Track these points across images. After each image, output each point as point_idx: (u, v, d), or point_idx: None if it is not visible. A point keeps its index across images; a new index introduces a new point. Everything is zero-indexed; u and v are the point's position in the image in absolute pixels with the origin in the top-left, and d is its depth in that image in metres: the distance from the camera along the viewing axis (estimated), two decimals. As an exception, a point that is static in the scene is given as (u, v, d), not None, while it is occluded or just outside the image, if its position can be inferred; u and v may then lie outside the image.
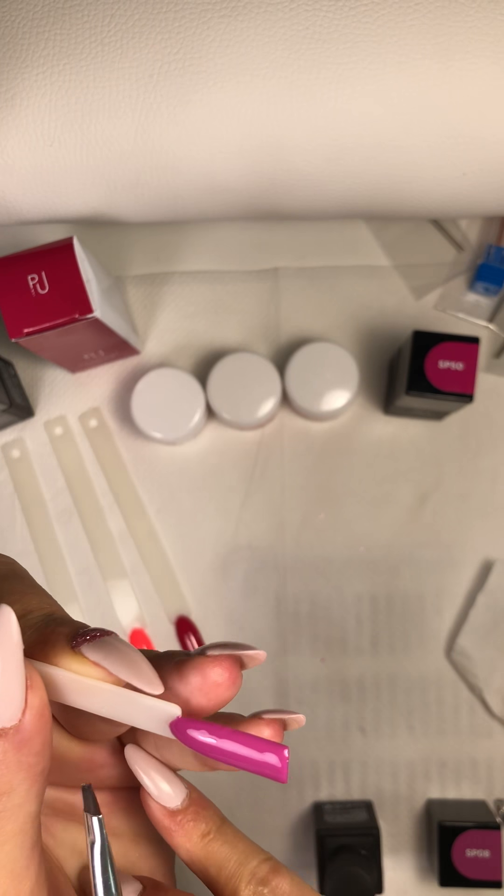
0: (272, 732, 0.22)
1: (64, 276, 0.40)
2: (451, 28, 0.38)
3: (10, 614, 0.18)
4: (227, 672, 0.21)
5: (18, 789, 0.18)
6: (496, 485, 0.52)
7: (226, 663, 0.21)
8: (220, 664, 0.20)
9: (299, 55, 0.39)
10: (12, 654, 0.18)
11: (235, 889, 0.22)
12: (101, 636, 0.20)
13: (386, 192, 0.44)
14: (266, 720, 0.22)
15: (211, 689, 0.21)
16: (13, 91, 0.40)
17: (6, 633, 0.18)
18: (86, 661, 0.19)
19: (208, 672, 0.20)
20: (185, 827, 0.23)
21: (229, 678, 0.21)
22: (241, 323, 0.53)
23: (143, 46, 0.39)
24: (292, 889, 0.22)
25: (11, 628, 0.18)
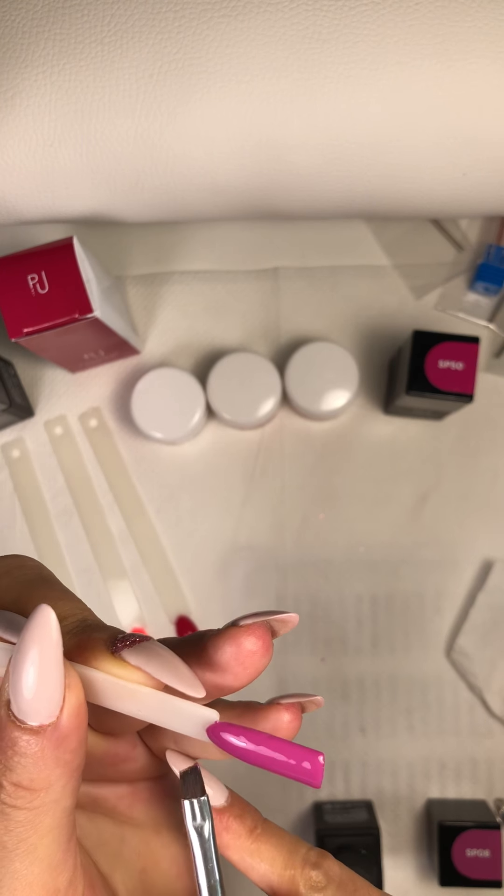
0: (291, 717, 0.23)
1: (64, 275, 0.40)
2: (451, 28, 0.38)
3: (50, 614, 0.18)
4: (259, 640, 0.21)
5: (56, 785, 0.19)
6: (496, 485, 0.52)
7: (258, 631, 0.21)
8: (253, 633, 0.21)
9: (299, 55, 0.39)
10: (52, 652, 0.18)
11: (292, 878, 0.23)
12: (142, 641, 0.20)
13: (386, 192, 0.44)
14: (285, 705, 0.23)
15: (246, 658, 0.21)
16: (13, 91, 0.40)
17: (46, 632, 0.18)
18: (127, 665, 0.20)
19: (242, 641, 0.21)
20: (231, 826, 0.23)
21: (263, 646, 0.21)
22: (241, 323, 0.53)
23: (143, 46, 0.39)
24: (342, 871, 0.23)
25: (51, 627, 0.18)
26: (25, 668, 0.18)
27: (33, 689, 0.18)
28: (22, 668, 0.18)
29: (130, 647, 0.20)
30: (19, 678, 0.18)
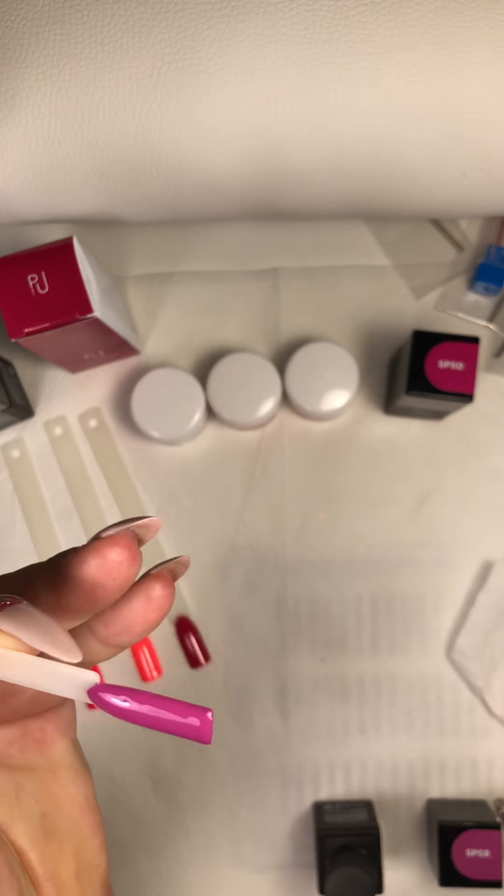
0: (162, 587, 0.22)
1: (64, 275, 0.40)
2: (451, 28, 0.38)
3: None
4: (125, 549, 0.20)
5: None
6: (496, 485, 0.52)
7: (123, 541, 0.20)
8: (117, 542, 0.20)
9: (299, 55, 0.39)
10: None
11: None
12: (13, 604, 0.19)
13: (386, 192, 0.44)
14: (154, 575, 0.22)
15: (113, 569, 0.20)
16: (13, 91, 0.40)
17: None
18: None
19: (106, 552, 0.20)
20: None
21: (129, 555, 0.20)
22: (241, 323, 0.53)
23: (143, 46, 0.39)
24: None
25: None
26: None
27: None
28: None
29: (2, 610, 0.19)
30: None
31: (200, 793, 0.51)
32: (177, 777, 0.51)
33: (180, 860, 0.51)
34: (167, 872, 0.51)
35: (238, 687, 0.51)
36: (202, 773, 0.51)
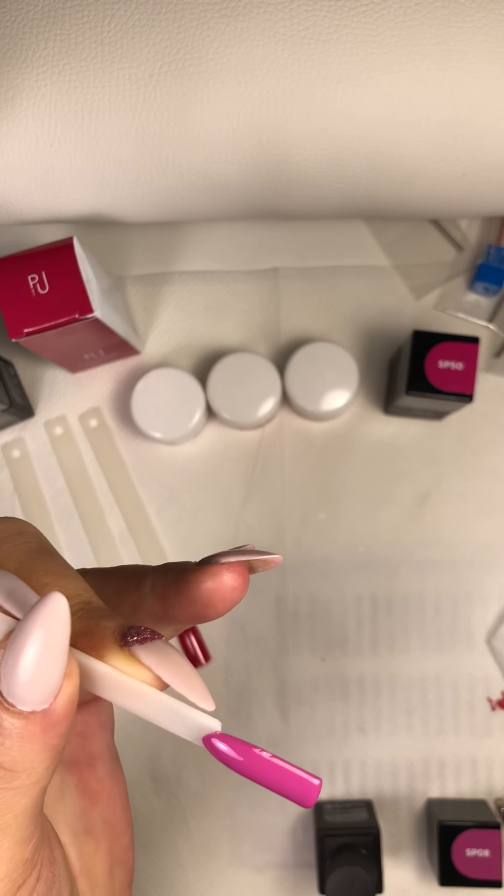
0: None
1: (64, 276, 0.40)
2: (451, 28, 0.38)
3: (63, 603, 0.17)
4: (240, 577, 0.22)
5: (38, 768, 0.18)
6: (496, 485, 0.52)
7: (239, 569, 0.22)
8: (233, 570, 0.22)
9: (299, 55, 0.39)
10: (60, 641, 0.17)
11: None
12: (153, 639, 0.19)
13: (386, 192, 0.44)
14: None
15: (227, 593, 0.22)
16: (13, 91, 0.40)
17: (58, 622, 0.17)
18: (136, 663, 0.19)
19: (224, 579, 0.22)
20: None
21: (242, 583, 0.22)
22: (241, 323, 0.53)
23: (143, 46, 0.39)
24: None
25: (62, 617, 0.17)
26: (26, 653, 0.17)
27: (31, 676, 0.17)
28: (22, 652, 0.17)
29: (142, 643, 0.19)
30: (17, 661, 0.17)
31: (200, 792, 0.51)
32: (177, 777, 0.51)
33: (180, 860, 0.51)
34: (167, 872, 0.51)
35: (238, 687, 0.51)
36: (202, 773, 0.51)
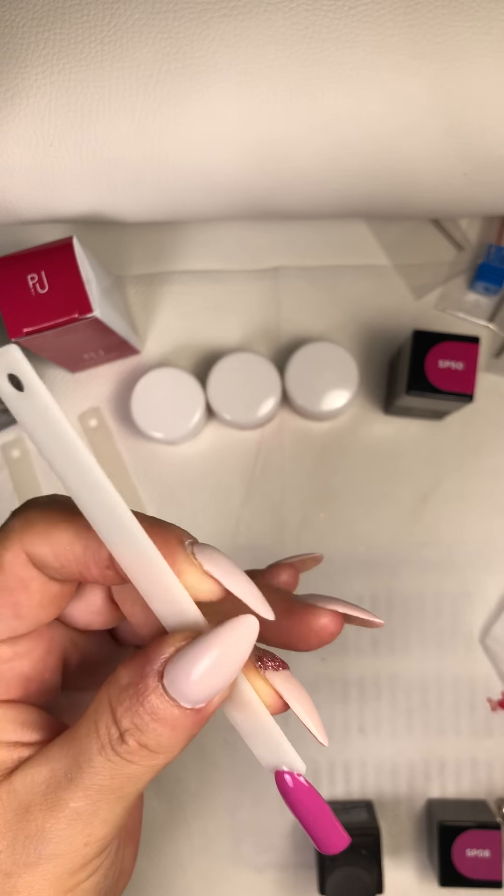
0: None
1: (64, 275, 0.40)
2: (451, 28, 0.38)
3: (255, 628, 0.20)
4: (339, 627, 0.24)
5: (174, 752, 0.21)
6: (496, 485, 0.52)
7: (340, 619, 0.24)
8: (336, 620, 0.24)
9: (299, 55, 0.39)
10: (241, 659, 0.20)
11: None
12: (284, 667, 0.23)
13: (386, 192, 0.44)
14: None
15: (325, 638, 0.24)
16: (13, 91, 0.40)
17: (246, 643, 0.20)
18: (268, 686, 0.22)
19: (328, 625, 0.24)
20: None
21: (339, 630, 0.24)
22: (241, 323, 0.53)
23: (143, 46, 0.39)
24: None
25: (251, 640, 0.20)
26: (205, 661, 0.20)
27: (202, 680, 0.20)
28: (202, 659, 0.20)
29: (275, 670, 0.22)
30: (194, 665, 0.20)
31: (201, 793, 0.51)
32: (177, 777, 0.51)
33: (181, 860, 0.50)
34: (168, 872, 0.51)
35: (238, 687, 0.51)
36: (202, 773, 0.51)
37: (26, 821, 0.21)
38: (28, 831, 0.21)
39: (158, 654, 0.21)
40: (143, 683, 0.20)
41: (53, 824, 0.21)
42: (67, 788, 0.21)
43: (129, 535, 0.21)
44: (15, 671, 0.23)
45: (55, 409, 0.19)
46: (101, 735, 0.21)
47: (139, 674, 0.20)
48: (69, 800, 0.21)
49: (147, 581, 0.21)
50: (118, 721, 0.21)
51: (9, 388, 0.19)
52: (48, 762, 0.22)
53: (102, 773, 0.21)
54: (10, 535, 0.22)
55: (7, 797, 0.22)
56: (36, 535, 0.22)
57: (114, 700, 0.21)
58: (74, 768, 0.21)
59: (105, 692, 0.21)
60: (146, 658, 0.21)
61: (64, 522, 0.22)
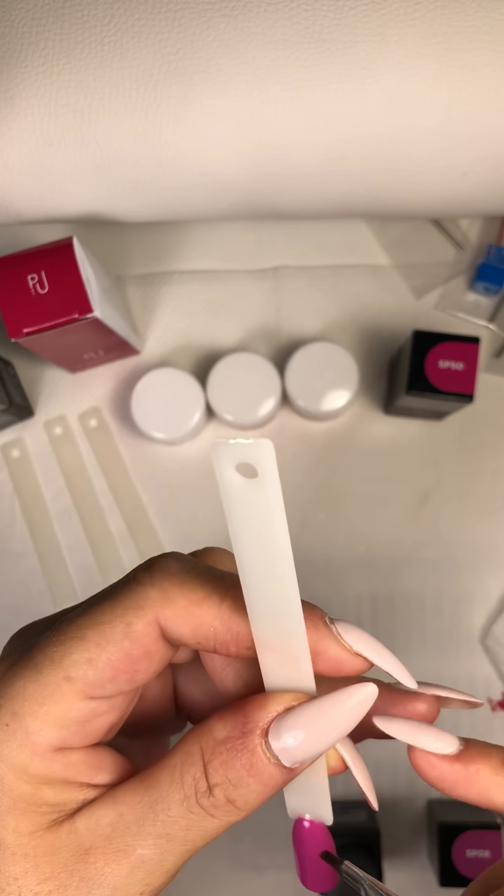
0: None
1: (64, 275, 0.40)
2: (451, 28, 0.38)
3: (375, 694, 0.21)
4: (436, 712, 0.25)
5: (252, 809, 0.21)
6: (496, 485, 0.52)
7: (437, 704, 0.25)
8: (434, 705, 0.25)
9: (299, 55, 0.39)
10: (352, 725, 0.21)
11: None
12: None
13: (386, 192, 0.44)
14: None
15: (425, 718, 0.24)
16: (13, 91, 0.40)
17: (363, 709, 0.21)
18: (335, 750, 0.23)
19: (424, 710, 0.24)
20: (480, 765, 0.23)
21: (436, 717, 0.25)
22: (241, 323, 0.53)
23: (143, 46, 0.39)
24: None
25: (367, 707, 0.21)
26: (322, 723, 0.21)
27: (310, 742, 0.21)
28: (318, 721, 0.21)
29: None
30: (307, 726, 0.21)
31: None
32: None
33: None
34: None
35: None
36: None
37: (84, 862, 0.21)
38: (84, 873, 0.21)
39: (264, 711, 0.21)
40: (246, 739, 0.21)
41: (115, 869, 0.21)
42: (137, 835, 0.21)
43: (292, 624, 0.21)
44: (105, 723, 0.22)
45: (280, 500, 0.19)
46: (185, 785, 0.21)
47: (240, 729, 0.21)
48: (137, 846, 0.21)
49: (281, 658, 0.21)
50: (209, 774, 0.21)
51: (236, 476, 0.18)
52: (116, 806, 0.21)
53: (180, 824, 0.21)
54: (146, 604, 0.21)
55: (67, 837, 0.21)
56: (176, 613, 0.21)
57: (207, 752, 0.21)
58: (149, 816, 0.21)
59: (195, 743, 0.21)
60: (245, 714, 0.21)
61: (207, 601, 0.22)
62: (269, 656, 0.21)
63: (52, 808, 0.22)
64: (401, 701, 0.24)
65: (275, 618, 0.21)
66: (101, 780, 0.22)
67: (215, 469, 0.18)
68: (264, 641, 0.21)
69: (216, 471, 0.18)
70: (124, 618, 0.21)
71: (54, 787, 0.21)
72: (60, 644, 0.21)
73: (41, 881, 0.21)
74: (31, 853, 0.21)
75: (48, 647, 0.21)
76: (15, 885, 0.21)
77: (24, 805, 0.21)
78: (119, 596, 0.22)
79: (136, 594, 0.22)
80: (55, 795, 0.21)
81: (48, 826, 0.21)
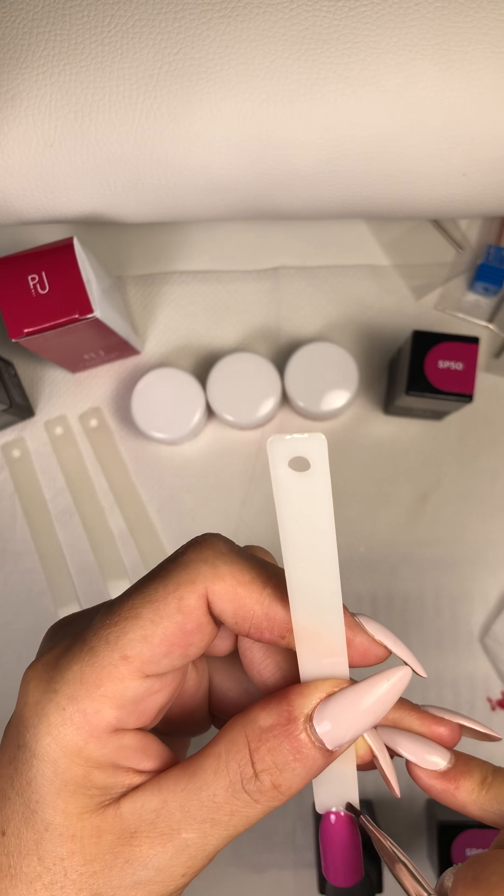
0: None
1: (64, 276, 0.40)
2: (451, 28, 0.38)
3: (409, 677, 0.22)
4: (457, 738, 0.25)
5: (293, 793, 0.22)
6: (496, 485, 0.52)
7: (459, 731, 0.25)
8: (456, 731, 0.25)
9: (299, 55, 0.39)
10: (389, 707, 0.23)
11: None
12: None
13: (386, 193, 0.44)
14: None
15: (446, 744, 0.25)
16: (13, 91, 0.40)
17: (398, 691, 0.22)
18: (364, 740, 0.24)
19: (445, 734, 0.25)
20: (462, 784, 0.25)
21: (456, 742, 0.25)
22: (241, 323, 0.53)
23: (143, 46, 0.39)
24: None
25: (402, 689, 0.22)
26: (364, 704, 0.22)
27: (352, 724, 0.22)
28: (360, 703, 0.22)
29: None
30: (350, 709, 0.22)
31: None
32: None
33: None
34: None
35: (238, 687, 0.51)
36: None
37: (129, 845, 0.22)
38: (129, 855, 0.22)
39: (307, 699, 0.22)
40: (291, 725, 0.22)
41: (159, 852, 0.22)
42: (182, 820, 0.22)
43: (332, 613, 0.22)
44: (156, 703, 0.23)
45: (329, 492, 0.20)
46: (231, 772, 0.22)
47: (285, 717, 0.22)
48: (181, 830, 0.22)
49: (320, 646, 0.22)
50: (255, 761, 0.22)
51: (288, 470, 0.20)
52: (160, 793, 0.22)
53: (224, 810, 0.22)
54: (197, 579, 0.22)
55: (113, 820, 0.22)
56: (224, 590, 0.22)
57: (253, 740, 0.22)
58: (193, 802, 0.22)
59: (240, 732, 0.22)
60: (290, 702, 0.22)
61: (253, 584, 0.23)
62: (307, 645, 0.22)
63: (101, 791, 0.22)
64: (428, 722, 0.25)
65: (317, 607, 0.22)
66: (147, 766, 0.23)
67: (270, 463, 0.20)
68: (304, 630, 0.22)
69: (270, 465, 0.20)
70: (176, 593, 0.22)
71: (105, 771, 0.22)
72: (115, 625, 0.22)
73: (87, 862, 0.22)
74: (78, 835, 0.22)
75: (102, 629, 0.22)
76: (61, 866, 0.22)
77: (74, 787, 0.22)
78: (170, 573, 0.23)
79: (188, 569, 0.22)
80: (104, 779, 0.22)
81: (95, 809, 0.22)
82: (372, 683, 0.22)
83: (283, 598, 0.22)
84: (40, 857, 0.22)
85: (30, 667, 0.23)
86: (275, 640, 0.23)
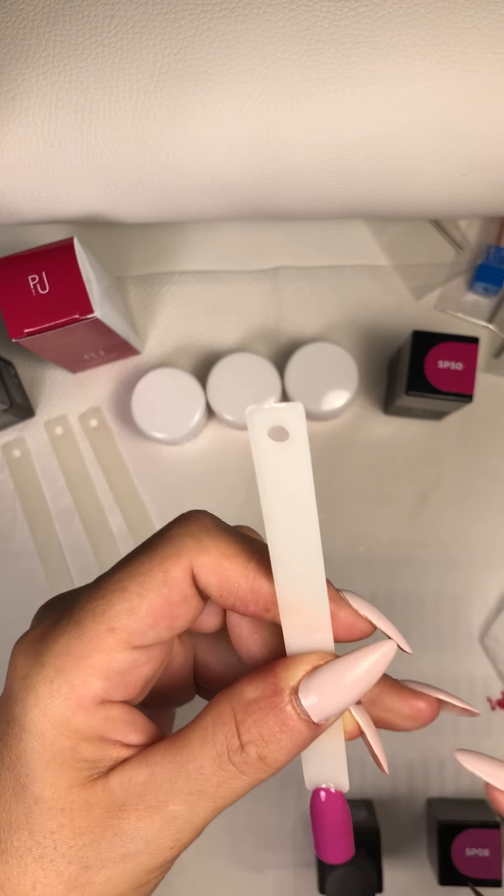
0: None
1: (64, 276, 0.40)
2: (451, 28, 0.38)
3: (394, 651, 0.23)
4: (436, 712, 0.26)
5: (279, 767, 0.23)
6: (496, 485, 0.52)
7: (438, 705, 0.26)
8: (435, 705, 0.26)
9: (299, 55, 0.39)
10: (374, 681, 0.22)
11: None
12: None
13: (386, 193, 0.44)
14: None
15: (422, 719, 0.26)
16: (13, 92, 0.40)
17: (384, 665, 0.22)
18: (350, 714, 0.25)
19: (424, 706, 0.26)
20: None
21: (435, 716, 0.26)
22: (241, 323, 0.53)
23: (143, 47, 0.39)
24: None
25: (387, 663, 0.22)
26: (349, 677, 0.22)
27: (337, 697, 0.22)
28: (345, 676, 0.22)
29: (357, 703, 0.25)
30: (334, 682, 0.22)
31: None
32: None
33: (180, 859, 0.50)
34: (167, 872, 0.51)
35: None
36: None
37: (118, 818, 0.22)
38: (118, 828, 0.22)
39: (293, 671, 0.22)
40: (277, 697, 0.22)
41: (147, 824, 0.22)
42: (169, 792, 0.22)
43: (315, 585, 0.22)
44: (142, 675, 0.23)
45: (309, 462, 0.20)
46: (217, 744, 0.22)
47: (271, 689, 0.22)
48: (169, 803, 0.22)
49: (304, 619, 0.23)
50: (241, 732, 0.22)
51: (268, 440, 0.20)
52: (148, 766, 0.23)
53: (211, 781, 0.22)
54: (182, 552, 0.23)
55: (101, 793, 0.22)
56: (208, 563, 0.23)
57: (239, 712, 0.22)
58: (181, 774, 0.22)
59: (226, 704, 0.22)
60: (276, 675, 0.22)
61: (238, 557, 0.23)
62: (292, 619, 0.22)
63: (89, 764, 0.22)
64: (407, 696, 0.26)
65: (300, 580, 0.22)
66: (134, 739, 0.23)
67: (249, 434, 0.20)
68: (289, 604, 0.22)
69: (250, 436, 0.20)
70: (162, 566, 0.22)
71: (92, 744, 0.22)
72: (101, 598, 0.22)
73: (76, 835, 0.22)
74: (67, 808, 0.22)
75: (89, 602, 0.22)
76: (51, 839, 0.22)
77: (63, 760, 0.22)
78: (156, 546, 0.23)
79: (173, 542, 0.23)
80: (92, 752, 0.22)
81: (84, 782, 0.22)
82: (357, 657, 0.22)
83: (268, 571, 0.23)
84: (31, 831, 0.22)
85: (17, 642, 0.23)
86: (260, 613, 0.23)
